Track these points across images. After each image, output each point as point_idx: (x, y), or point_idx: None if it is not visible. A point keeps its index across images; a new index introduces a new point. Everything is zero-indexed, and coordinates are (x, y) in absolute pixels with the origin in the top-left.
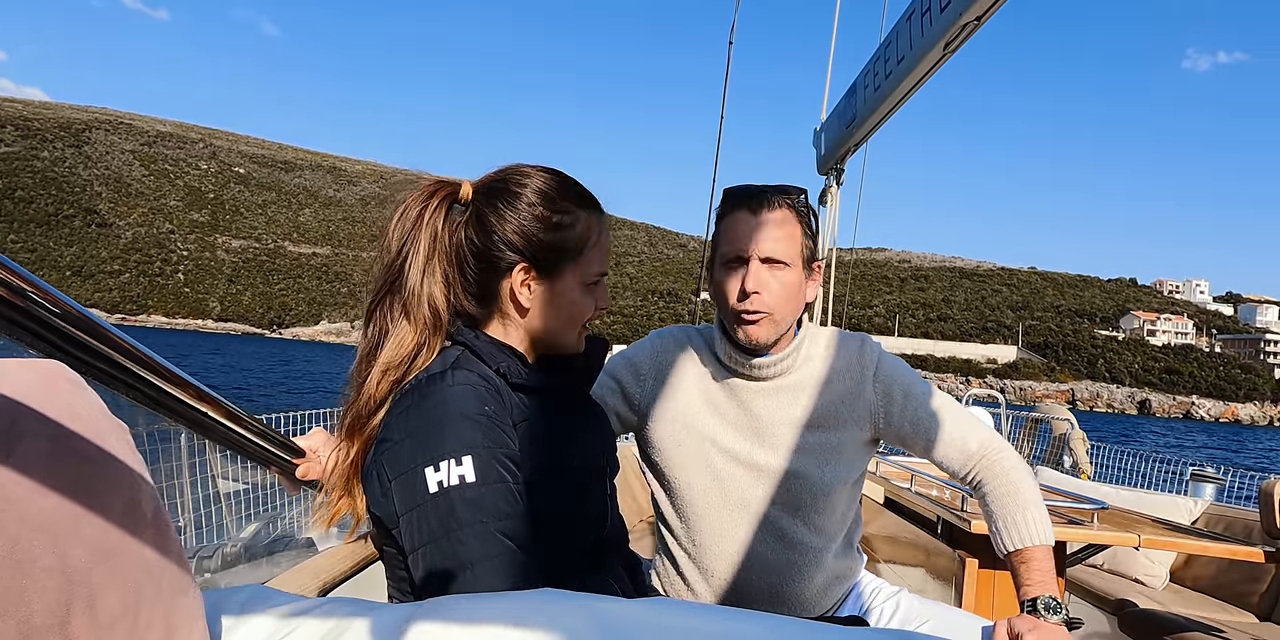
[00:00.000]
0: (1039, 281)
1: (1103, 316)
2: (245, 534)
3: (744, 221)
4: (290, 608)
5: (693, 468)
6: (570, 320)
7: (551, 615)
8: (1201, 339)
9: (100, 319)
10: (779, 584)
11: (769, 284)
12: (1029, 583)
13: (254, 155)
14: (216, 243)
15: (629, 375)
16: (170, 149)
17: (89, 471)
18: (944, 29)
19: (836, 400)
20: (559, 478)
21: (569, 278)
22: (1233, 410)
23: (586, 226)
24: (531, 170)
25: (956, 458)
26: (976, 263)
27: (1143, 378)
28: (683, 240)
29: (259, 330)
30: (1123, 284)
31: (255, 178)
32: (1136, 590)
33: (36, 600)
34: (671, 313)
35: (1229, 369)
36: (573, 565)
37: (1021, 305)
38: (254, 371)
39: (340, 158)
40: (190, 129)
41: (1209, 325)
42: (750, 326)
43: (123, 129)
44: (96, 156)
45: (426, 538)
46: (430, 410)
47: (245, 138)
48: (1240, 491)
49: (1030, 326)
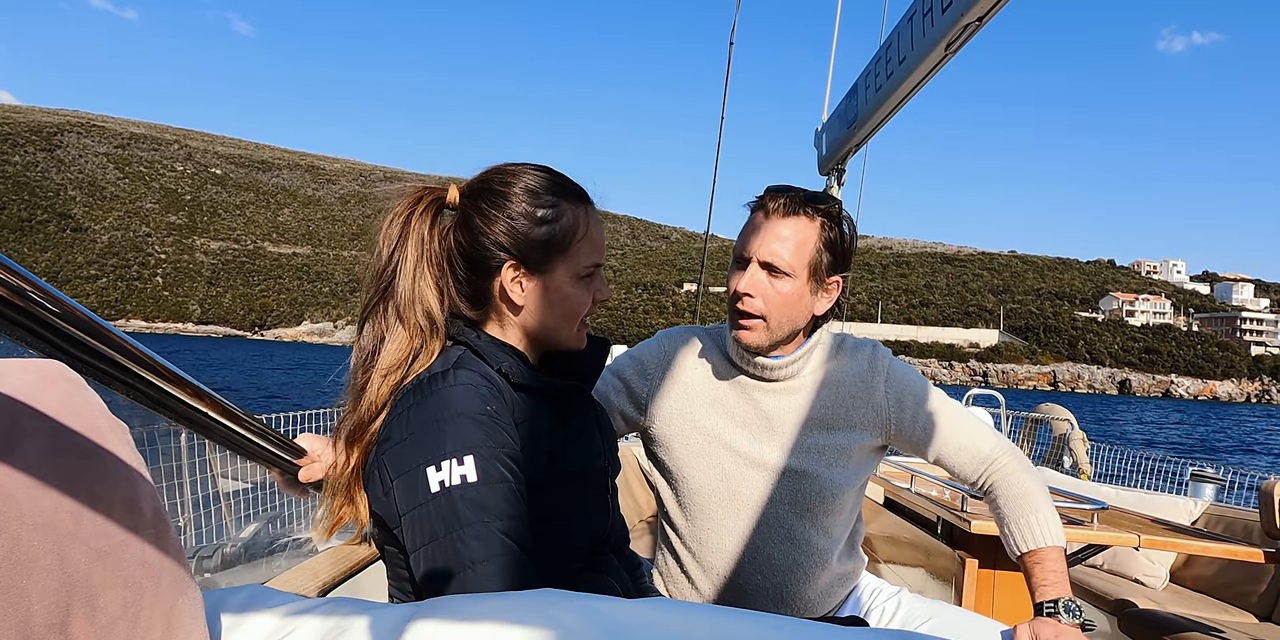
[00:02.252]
0: (1019, 265)
1: (1082, 298)
2: (245, 534)
3: (757, 222)
4: (290, 608)
5: (700, 466)
6: (566, 315)
7: (552, 615)
8: (1179, 318)
9: (100, 319)
10: (783, 584)
11: (764, 289)
12: (1045, 584)
13: (230, 155)
14: (195, 245)
15: (635, 374)
16: (145, 151)
17: (89, 471)
18: (945, 29)
19: (847, 404)
20: (560, 478)
21: (560, 272)
22: (1211, 388)
23: (574, 219)
24: (517, 168)
25: (968, 463)
26: (957, 248)
27: (1122, 358)
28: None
29: (240, 332)
30: (1101, 265)
31: (232, 178)
32: (1136, 590)
33: (36, 600)
34: (656, 305)
35: (1206, 347)
36: (573, 565)
37: (1002, 289)
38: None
39: (319, 156)
40: (165, 130)
41: (1186, 304)
42: (742, 330)
43: (95, 132)
44: (69, 160)
45: (428, 537)
46: (432, 410)
47: (221, 138)
48: (1240, 491)
49: (1011, 310)
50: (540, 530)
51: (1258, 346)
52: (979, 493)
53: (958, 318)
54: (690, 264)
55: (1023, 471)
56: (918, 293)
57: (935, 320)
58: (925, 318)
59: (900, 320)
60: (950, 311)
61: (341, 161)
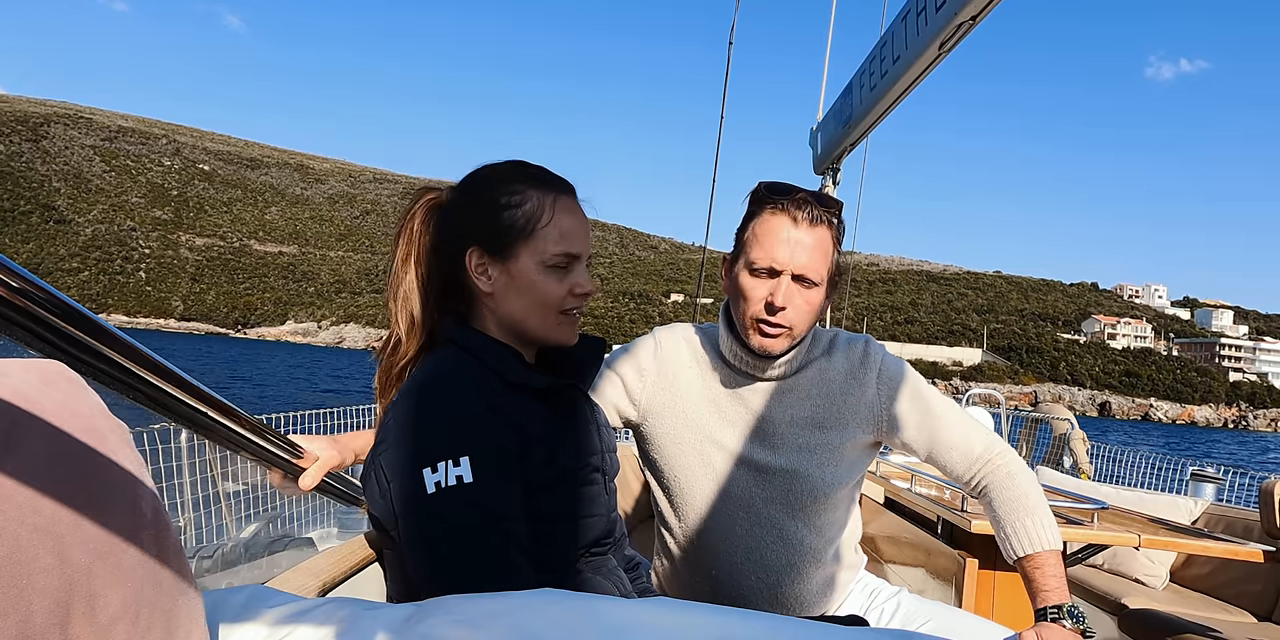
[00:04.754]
0: (1004, 285)
1: (1065, 320)
2: (245, 534)
3: (784, 230)
4: (290, 608)
5: (693, 466)
6: (536, 303)
7: (551, 615)
8: (1160, 342)
9: (100, 319)
10: (778, 584)
11: (796, 302)
12: (1046, 589)
13: (219, 152)
14: (180, 240)
15: (630, 371)
16: (132, 145)
17: (89, 471)
18: (939, 28)
19: (839, 401)
20: (558, 478)
21: (524, 257)
22: (1189, 412)
23: (538, 205)
24: (495, 164)
25: (960, 461)
26: (943, 266)
27: (1103, 380)
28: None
29: (223, 330)
30: (1085, 288)
31: (220, 175)
32: (1136, 590)
33: (36, 600)
34: (643, 314)
35: (1185, 372)
36: (572, 565)
37: (986, 309)
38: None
39: (308, 155)
40: (154, 124)
41: (1167, 329)
42: (768, 339)
43: (83, 123)
44: (55, 151)
45: (424, 539)
46: (428, 410)
47: (210, 134)
48: (1240, 491)
49: (995, 329)
50: (538, 530)
51: (1236, 373)
52: (973, 493)
53: (942, 336)
54: (678, 274)
55: (1018, 473)
56: (903, 310)
57: (919, 338)
58: (910, 335)
59: (885, 337)
60: (934, 329)
61: (331, 161)
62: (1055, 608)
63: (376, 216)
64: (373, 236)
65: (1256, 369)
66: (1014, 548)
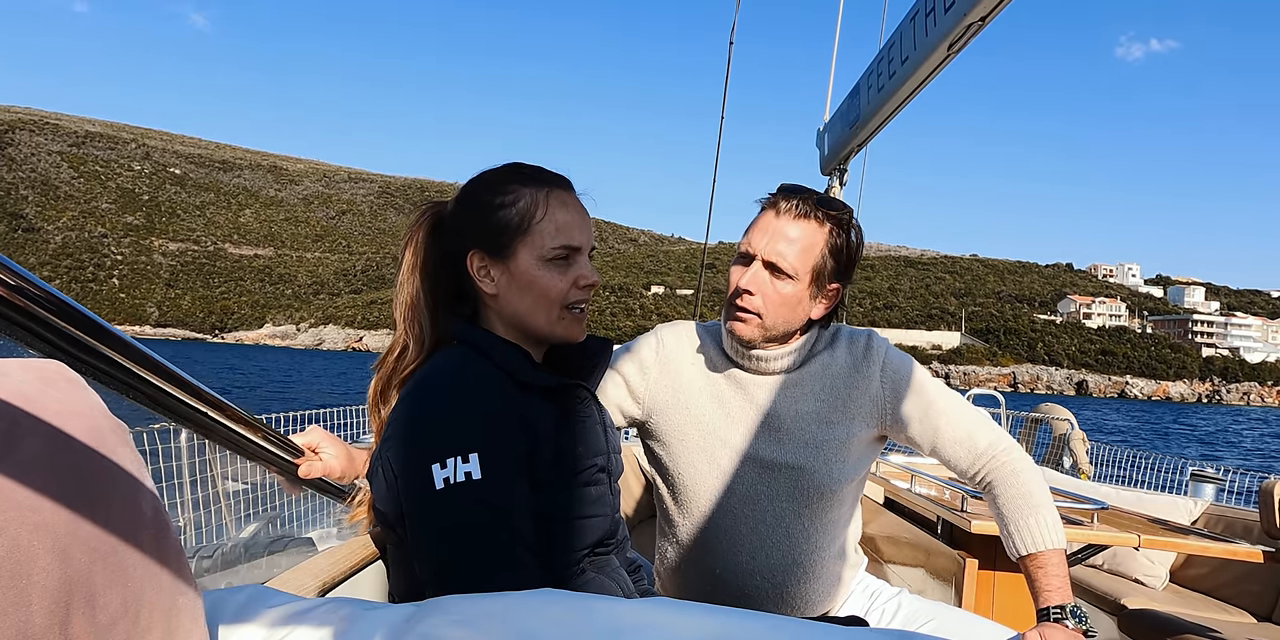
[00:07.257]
0: (980, 268)
1: (1041, 301)
2: (245, 534)
3: (767, 220)
4: (290, 608)
5: (697, 462)
6: (539, 299)
7: (550, 616)
8: (1134, 320)
9: (100, 319)
10: (783, 583)
11: (764, 288)
12: (1049, 589)
13: (190, 155)
14: (153, 246)
15: (633, 368)
16: (101, 150)
17: (89, 471)
18: (948, 29)
19: (844, 395)
20: (565, 477)
21: (523, 255)
22: (1164, 388)
23: (532, 202)
24: (491, 168)
25: (964, 456)
26: (920, 251)
27: (1080, 359)
28: (633, 235)
29: (200, 335)
30: (1060, 269)
31: (192, 178)
32: (1136, 590)
33: (36, 600)
34: (623, 307)
35: (1160, 349)
36: (575, 565)
37: (964, 292)
38: None
39: (281, 156)
40: (122, 129)
41: (1141, 307)
42: (736, 322)
43: (49, 129)
44: (21, 158)
45: (432, 535)
46: (438, 407)
47: (180, 137)
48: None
49: (973, 312)
50: (543, 529)
51: (1208, 348)
52: (978, 488)
53: (920, 320)
54: (658, 266)
55: (1023, 470)
56: (882, 295)
57: (899, 323)
58: (889, 320)
59: (865, 322)
60: (913, 314)
61: (305, 162)
62: (1058, 608)
63: (353, 216)
64: (349, 237)
65: (1228, 344)
66: (1017, 546)
